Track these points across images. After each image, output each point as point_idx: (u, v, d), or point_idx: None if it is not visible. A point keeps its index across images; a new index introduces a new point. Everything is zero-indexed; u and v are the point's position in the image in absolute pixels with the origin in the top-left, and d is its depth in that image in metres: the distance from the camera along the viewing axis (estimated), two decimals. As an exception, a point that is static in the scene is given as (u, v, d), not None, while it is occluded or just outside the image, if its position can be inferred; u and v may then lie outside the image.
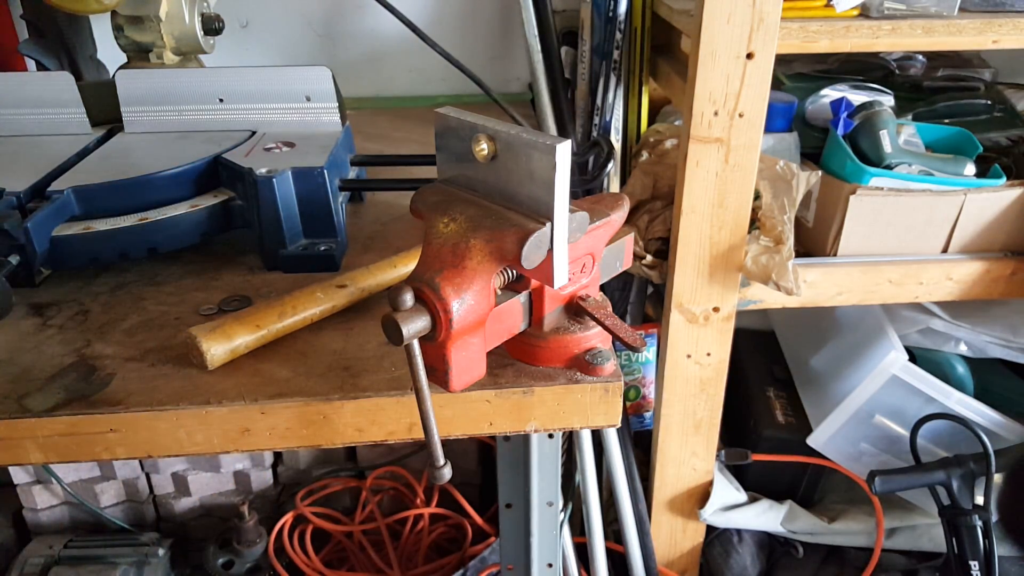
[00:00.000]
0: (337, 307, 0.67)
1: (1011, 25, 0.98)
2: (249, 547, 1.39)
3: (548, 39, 1.21)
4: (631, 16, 1.18)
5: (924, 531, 1.30)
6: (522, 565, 0.90)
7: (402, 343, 0.48)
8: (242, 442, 0.59)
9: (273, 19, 1.36)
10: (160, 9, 1.01)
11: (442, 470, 0.51)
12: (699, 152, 0.99)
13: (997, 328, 1.19)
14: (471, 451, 1.54)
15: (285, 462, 1.55)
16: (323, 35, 1.38)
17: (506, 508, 0.88)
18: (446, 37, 1.20)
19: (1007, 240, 1.11)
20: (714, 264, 1.07)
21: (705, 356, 1.15)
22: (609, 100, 1.22)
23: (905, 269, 1.09)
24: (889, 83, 1.24)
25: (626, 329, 0.56)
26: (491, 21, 1.39)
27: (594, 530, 1.25)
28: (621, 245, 0.64)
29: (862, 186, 1.05)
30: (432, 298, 0.48)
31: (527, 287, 0.56)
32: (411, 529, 1.48)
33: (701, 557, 1.36)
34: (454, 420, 0.60)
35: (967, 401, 1.15)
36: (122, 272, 0.76)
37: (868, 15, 0.99)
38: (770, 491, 1.33)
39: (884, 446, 1.24)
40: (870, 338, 1.21)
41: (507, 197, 0.51)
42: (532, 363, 0.61)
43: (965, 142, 1.13)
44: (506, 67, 1.44)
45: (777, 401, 1.35)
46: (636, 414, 1.36)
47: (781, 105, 1.13)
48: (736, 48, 0.93)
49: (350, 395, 0.58)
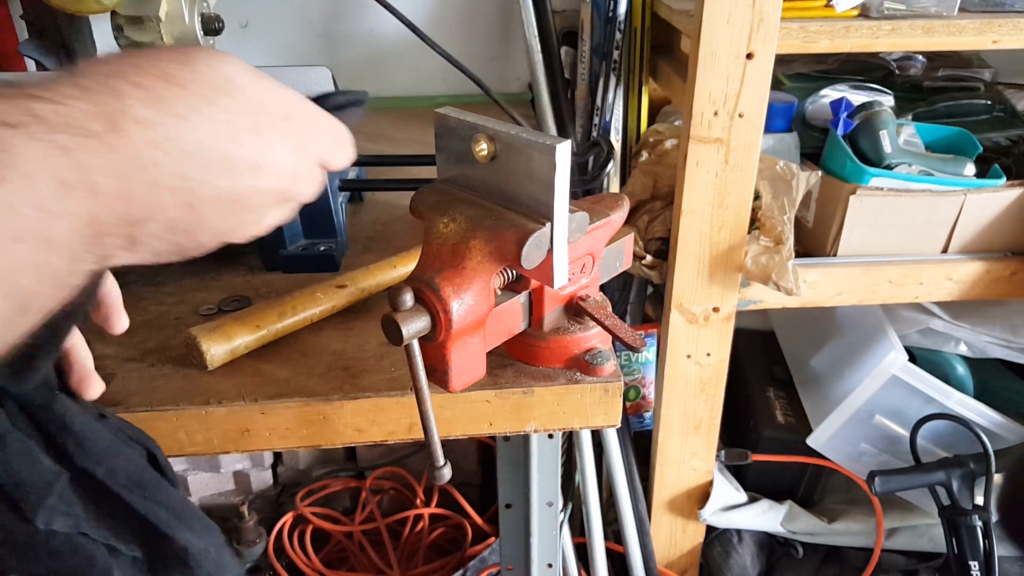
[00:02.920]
0: (337, 307, 0.67)
1: (1011, 25, 0.98)
2: (249, 547, 1.39)
3: (548, 39, 1.21)
4: (631, 16, 1.18)
5: (924, 531, 1.30)
6: (522, 565, 0.90)
7: (402, 343, 0.48)
8: (242, 442, 0.59)
9: (273, 19, 1.36)
10: (160, 9, 1.01)
11: (442, 470, 0.51)
12: (699, 152, 0.99)
13: (997, 328, 1.19)
14: (471, 451, 1.54)
15: (285, 462, 1.55)
16: (323, 35, 1.38)
17: (506, 508, 0.88)
18: (446, 37, 1.20)
19: (1007, 240, 1.11)
20: (714, 264, 1.07)
21: (705, 356, 1.15)
22: (609, 100, 1.22)
23: (905, 269, 1.09)
24: (889, 83, 1.24)
25: (626, 329, 0.56)
26: (491, 21, 1.39)
27: (594, 530, 1.24)
28: (621, 245, 0.64)
29: (862, 186, 1.05)
30: (432, 298, 0.48)
31: (527, 287, 0.56)
32: (411, 529, 1.48)
33: (701, 557, 1.36)
34: (454, 420, 0.60)
35: (967, 401, 1.15)
36: (122, 272, 0.76)
37: (868, 15, 0.99)
38: (770, 491, 1.33)
39: (884, 446, 1.24)
40: (870, 338, 1.21)
41: (507, 197, 0.51)
42: (532, 363, 0.61)
43: (965, 142, 1.13)
44: (506, 67, 1.43)
45: (777, 401, 1.35)
46: (636, 414, 1.36)
47: (781, 105, 1.13)
48: (736, 48, 0.93)
49: (350, 395, 0.58)
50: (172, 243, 0.33)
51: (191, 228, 0.33)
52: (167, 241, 0.33)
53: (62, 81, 0.29)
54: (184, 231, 0.33)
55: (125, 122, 0.29)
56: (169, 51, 0.33)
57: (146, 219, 0.31)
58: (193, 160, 0.32)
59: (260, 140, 0.35)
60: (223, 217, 0.35)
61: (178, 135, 0.31)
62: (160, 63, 0.32)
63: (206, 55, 0.34)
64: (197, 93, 0.32)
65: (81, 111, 0.28)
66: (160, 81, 0.31)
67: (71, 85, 0.29)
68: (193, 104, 0.32)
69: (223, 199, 0.34)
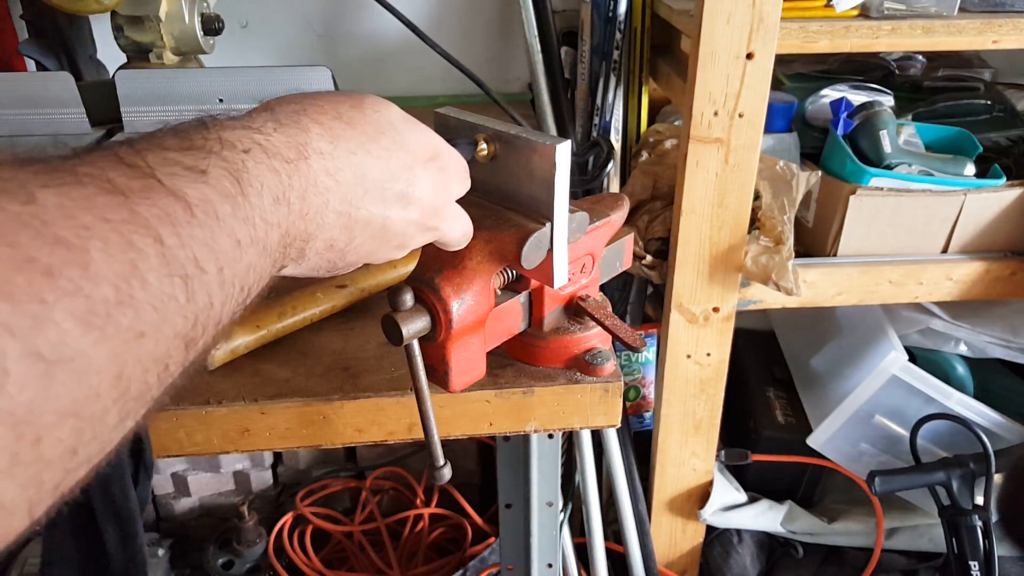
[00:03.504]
0: (337, 307, 0.67)
1: (1011, 25, 0.98)
2: (249, 547, 1.39)
3: (548, 39, 1.20)
4: (631, 16, 1.18)
5: (924, 531, 1.30)
6: (522, 565, 0.90)
7: (402, 343, 0.48)
8: (242, 442, 0.59)
9: (273, 19, 1.36)
10: (160, 9, 1.01)
11: (442, 470, 0.51)
12: (699, 152, 0.99)
13: (997, 328, 1.19)
14: (471, 451, 1.54)
15: (285, 462, 1.55)
16: (323, 35, 1.38)
17: (506, 508, 0.88)
18: (446, 37, 1.20)
19: (1007, 240, 1.11)
20: (714, 264, 1.07)
21: (705, 356, 1.15)
22: (609, 100, 1.22)
23: (905, 269, 1.09)
24: (889, 83, 1.24)
25: (626, 329, 0.56)
26: (491, 21, 1.39)
27: (594, 530, 1.24)
28: (621, 245, 0.64)
29: (862, 186, 1.05)
30: (432, 298, 0.48)
31: (527, 287, 0.56)
32: (411, 529, 1.48)
33: (701, 557, 1.36)
34: (454, 420, 0.60)
35: (967, 401, 1.15)
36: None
37: (868, 15, 0.99)
38: (770, 491, 1.33)
39: (884, 446, 1.24)
40: (870, 338, 1.21)
41: (507, 197, 0.51)
42: (532, 363, 0.61)
43: (965, 142, 1.13)
44: (506, 67, 1.43)
45: (777, 401, 1.35)
46: (636, 414, 1.36)
47: (781, 105, 1.13)
48: (736, 48, 0.93)
49: (350, 395, 0.58)
50: (327, 260, 0.39)
51: (345, 248, 0.39)
52: (324, 258, 0.38)
53: (261, 116, 0.35)
54: (339, 250, 0.39)
55: (309, 152, 0.35)
56: (344, 95, 0.40)
57: (313, 236, 0.36)
58: (355, 189, 0.38)
59: (410, 176, 0.40)
60: (371, 239, 0.40)
61: (346, 166, 0.37)
62: (337, 105, 0.39)
63: (372, 101, 0.40)
64: (363, 132, 0.39)
65: (281, 142, 0.34)
66: (336, 120, 0.38)
67: (271, 120, 0.35)
68: (360, 142, 0.38)
69: (374, 225, 0.39)
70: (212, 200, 0.29)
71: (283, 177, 0.33)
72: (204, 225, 0.28)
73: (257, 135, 0.33)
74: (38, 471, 0.23)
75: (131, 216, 0.26)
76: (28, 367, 0.21)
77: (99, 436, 0.25)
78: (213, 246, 0.29)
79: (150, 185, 0.27)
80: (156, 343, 0.26)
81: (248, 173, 0.31)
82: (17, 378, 0.21)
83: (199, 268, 0.28)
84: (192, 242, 0.28)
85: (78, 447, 0.24)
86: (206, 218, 0.29)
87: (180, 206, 0.28)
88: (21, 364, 0.21)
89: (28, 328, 0.22)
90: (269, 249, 0.33)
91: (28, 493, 0.23)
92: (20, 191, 0.23)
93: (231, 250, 0.30)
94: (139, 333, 0.25)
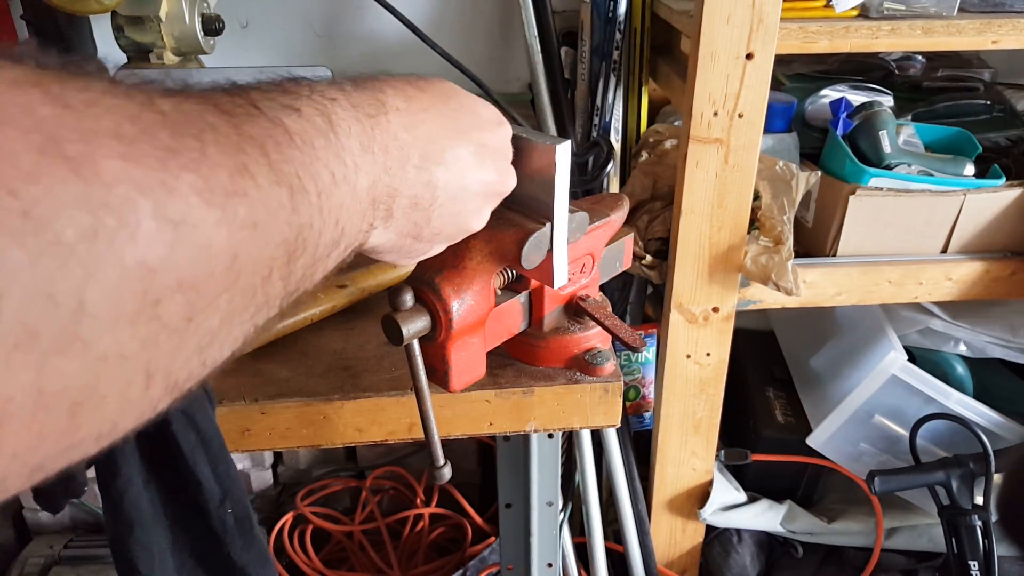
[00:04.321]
0: (337, 307, 0.67)
1: (1011, 25, 0.98)
2: (249, 547, 1.39)
3: (548, 39, 1.21)
4: (631, 16, 1.18)
5: (924, 531, 1.30)
6: (522, 565, 0.90)
7: (402, 343, 0.48)
8: (242, 442, 0.59)
9: (273, 19, 1.36)
10: (160, 9, 1.01)
11: (442, 470, 0.52)
12: (699, 152, 0.99)
13: (997, 328, 1.19)
14: (471, 451, 1.54)
15: (285, 462, 1.55)
16: (323, 35, 1.38)
17: (506, 508, 0.88)
18: (446, 37, 1.20)
19: (1007, 240, 1.11)
20: (713, 264, 1.07)
21: (705, 356, 1.15)
22: (609, 100, 1.22)
23: (905, 269, 1.10)
24: (889, 83, 1.24)
25: (626, 329, 0.56)
26: (491, 21, 1.39)
27: (594, 530, 1.25)
28: (621, 245, 0.64)
29: (862, 186, 1.05)
30: (432, 298, 0.48)
31: (527, 287, 0.56)
32: (411, 529, 1.48)
33: (701, 557, 1.36)
34: (454, 420, 0.60)
35: (967, 401, 1.15)
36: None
37: (868, 15, 0.99)
38: (770, 491, 1.33)
39: (884, 446, 1.24)
40: (870, 338, 1.21)
41: (507, 197, 0.51)
42: (532, 363, 0.61)
43: (965, 142, 1.13)
44: (506, 67, 1.44)
45: (777, 401, 1.35)
46: (636, 414, 1.36)
47: (781, 105, 1.13)
48: (736, 48, 0.93)
49: (350, 395, 0.59)
50: (412, 222, 0.40)
51: (429, 207, 0.40)
52: (410, 219, 0.39)
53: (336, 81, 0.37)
54: (424, 209, 0.40)
55: (387, 109, 0.37)
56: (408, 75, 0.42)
57: (398, 192, 0.38)
58: (431, 146, 0.39)
59: (480, 136, 0.43)
60: (452, 201, 0.41)
61: (422, 122, 0.39)
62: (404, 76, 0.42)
63: (437, 78, 0.44)
64: (432, 95, 0.41)
65: (361, 98, 0.36)
66: (406, 84, 0.41)
67: (348, 82, 0.37)
68: (431, 102, 0.41)
69: (452, 184, 0.41)
70: (308, 131, 0.31)
71: (366, 127, 0.35)
72: (302, 150, 0.30)
73: (339, 91, 0.35)
74: (156, 331, 0.23)
75: (238, 130, 0.28)
76: (158, 226, 0.22)
77: (207, 324, 0.25)
78: (311, 170, 0.30)
79: (252, 112, 0.29)
80: (265, 242, 0.27)
81: (337, 116, 0.34)
82: (147, 234, 0.22)
83: (301, 185, 0.30)
84: (294, 161, 0.29)
85: (189, 327, 0.24)
86: (304, 144, 0.30)
87: (280, 130, 0.30)
88: (152, 222, 0.22)
89: (158, 190, 0.23)
90: (358, 195, 0.34)
91: (148, 353, 0.23)
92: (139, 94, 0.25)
93: (328, 181, 0.32)
94: (253, 223, 0.26)
